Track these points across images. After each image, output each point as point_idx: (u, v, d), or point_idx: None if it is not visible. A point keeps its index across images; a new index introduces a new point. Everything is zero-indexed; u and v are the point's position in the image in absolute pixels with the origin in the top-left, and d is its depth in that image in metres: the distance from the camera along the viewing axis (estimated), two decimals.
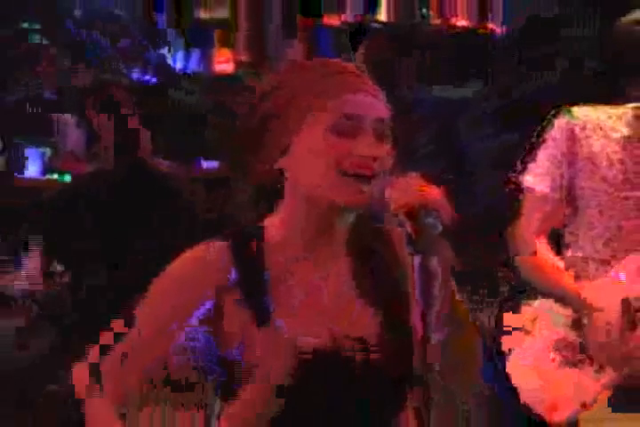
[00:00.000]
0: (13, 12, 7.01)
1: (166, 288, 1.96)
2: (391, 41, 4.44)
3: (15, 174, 4.99)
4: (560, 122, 3.16)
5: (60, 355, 3.85)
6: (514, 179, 3.25)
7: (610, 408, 3.06)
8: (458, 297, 1.95)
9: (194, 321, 1.95)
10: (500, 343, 3.15)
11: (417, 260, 1.83)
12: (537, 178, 3.20)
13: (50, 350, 4.02)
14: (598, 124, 3.18)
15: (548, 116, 3.20)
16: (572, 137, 3.17)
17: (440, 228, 1.81)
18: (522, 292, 3.25)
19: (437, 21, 6.42)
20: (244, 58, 5.89)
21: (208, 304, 1.95)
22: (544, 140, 3.19)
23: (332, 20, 5.87)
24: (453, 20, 6.49)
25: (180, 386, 3.58)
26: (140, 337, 1.95)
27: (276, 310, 1.90)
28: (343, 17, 6.06)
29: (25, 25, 7.07)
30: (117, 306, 2.04)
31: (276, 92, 1.94)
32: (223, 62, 5.51)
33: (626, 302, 2.99)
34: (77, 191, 4.09)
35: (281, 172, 1.89)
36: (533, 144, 3.24)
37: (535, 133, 3.23)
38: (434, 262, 1.83)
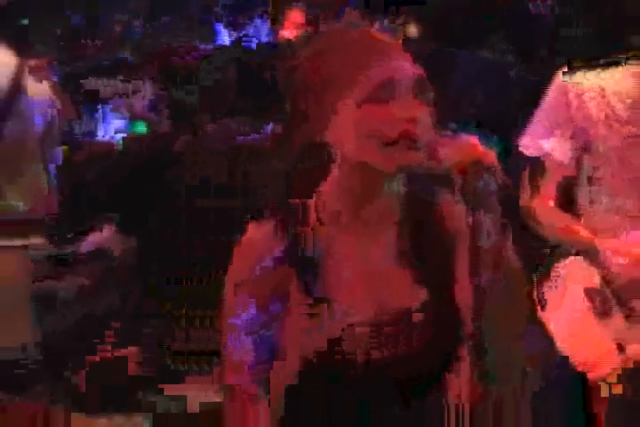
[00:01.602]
0: None
1: (234, 263, 2.05)
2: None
3: (93, 138, 5.26)
4: (559, 85, 3.29)
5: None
6: (527, 144, 3.37)
7: None
8: (510, 252, 1.97)
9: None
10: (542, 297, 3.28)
11: (469, 216, 1.87)
12: (549, 139, 3.32)
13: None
14: (599, 85, 3.29)
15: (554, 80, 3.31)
16: (569, 101, 3.29)
17: (494, 186, 1.86)
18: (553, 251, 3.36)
19: None
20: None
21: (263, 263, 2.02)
22: (551, 104, 3.32)
23: None
24: None
25: None
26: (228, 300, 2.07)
27: (325, 282, 1.94)
28: None
29: None
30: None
31: (310, 66, 1.97)
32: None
33: None
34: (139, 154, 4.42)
35: (324, 145, 1.93)
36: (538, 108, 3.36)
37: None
38: (485, 219, 1.87)
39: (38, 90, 4.08)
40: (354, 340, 1.93)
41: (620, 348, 3.10)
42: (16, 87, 4.01)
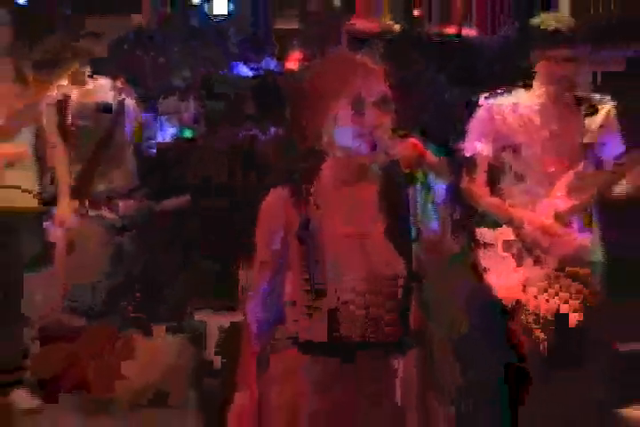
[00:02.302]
0: None
1: (258, 225, 2.66)
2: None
3: (155, 140, 6.96)
4: (483, 105, 4.35)
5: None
6: (458, 146, 4.45)
7: None
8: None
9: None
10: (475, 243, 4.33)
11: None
12: (479, 142, 4.35)
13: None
14: (509, 105, 4.35)
15: (479, 101, 4.39)
16: (491, 117, 4.34)
17: (436, 183, 2.51)
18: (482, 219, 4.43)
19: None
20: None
21: (280, 234, 2.61)
22: (477, 120, 4.37)
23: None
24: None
25: None
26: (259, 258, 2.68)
27: (320, 251, 2.55)
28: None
29: None
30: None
31: (312, 81, 2.58)
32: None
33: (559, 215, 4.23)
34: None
35: (318, 150, 2.55)
36: (470, 124, 4.42)
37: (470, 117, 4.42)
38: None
39: (129, 104, 5.72)
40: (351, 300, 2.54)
41: (524, 288, 4.14)
42: (121, 103, 5.67)
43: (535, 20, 4.47)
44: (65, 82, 5.58)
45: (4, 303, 5.10)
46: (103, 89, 5.73)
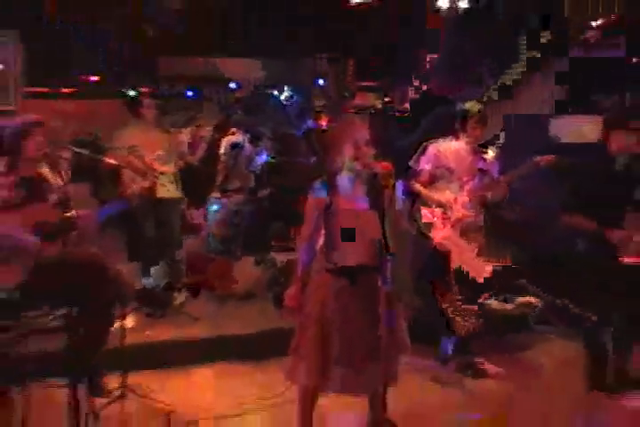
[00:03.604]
0: None
1: (306, 208, 4.44)
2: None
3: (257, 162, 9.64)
4: (431, 146, 6.46)
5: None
6: (412, 165, 6.44)
7: None
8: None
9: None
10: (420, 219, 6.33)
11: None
12: (426, 164, 6.42)
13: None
14: (447, 147, 6.40)
15: (425, 143, 6.44)
16: (437, 154, 6.41)
17: (392, 182, 4.26)
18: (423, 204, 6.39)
19: None
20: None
21: (317, 213, 4.42)
22: (424, 153, 6.41)
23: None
24: None
25: None
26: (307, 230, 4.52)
27: (335, 220, 4.38)
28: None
29: None
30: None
31: (333, 134, 4.55)
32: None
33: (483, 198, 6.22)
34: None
35: (335, 170, 4.42)
36: (420, 154, 6.46)
37: (420, 150, 6.46)
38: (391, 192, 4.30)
39: (246, 144, 9.05)
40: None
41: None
42: (242, 143, 8.93)
43: (465, 106, 6.42)
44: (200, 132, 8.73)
45: (175, 248, 7.68)
46: (236, 136, 9.10)
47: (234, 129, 9.31)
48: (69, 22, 9.94)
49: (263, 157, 9.69)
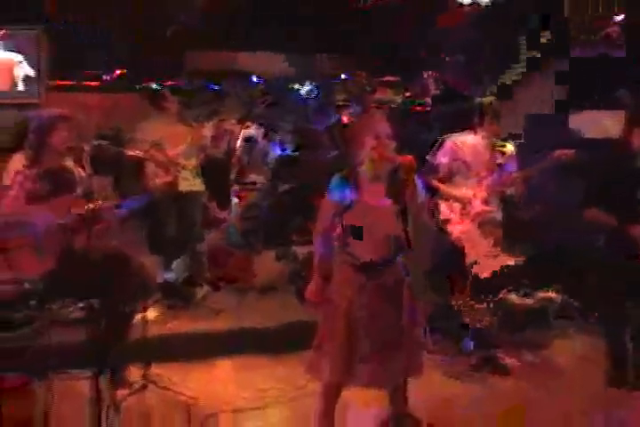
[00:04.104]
0: None
1: (321, 206, 4.48)
2: None
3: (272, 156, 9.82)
4: (448, 140, 6.60)
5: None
6: (430, 159, 6.56)
7: None
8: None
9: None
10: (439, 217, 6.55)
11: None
12: (443, 158, 6.55)
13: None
14: (464, 141, 6.56)
15: (442, 138, 6.59)
16: (454, 147, 6.55)
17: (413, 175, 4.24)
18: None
19: None
20: None
21: (332, 211, 4.43)
22: (441, 147, 6.55)
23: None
24: None
25: None
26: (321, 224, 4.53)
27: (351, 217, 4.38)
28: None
29: None
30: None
31: (354, 127, 4.66)
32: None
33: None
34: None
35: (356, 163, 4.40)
36: (437, 148, 6.61)
37: (437, 145, 6.61)
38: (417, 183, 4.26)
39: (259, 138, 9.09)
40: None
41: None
42: (256, 136, 9.03)
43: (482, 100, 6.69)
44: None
45: (196, 241, 7.81)
46: (250, 129, 9.20)
47: (249, 123, 9.40)
48: (92, 19, 10.06)
49: (277, 151, 9.80)
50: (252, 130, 9.43)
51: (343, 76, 11.30)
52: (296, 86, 11.54)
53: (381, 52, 10.61)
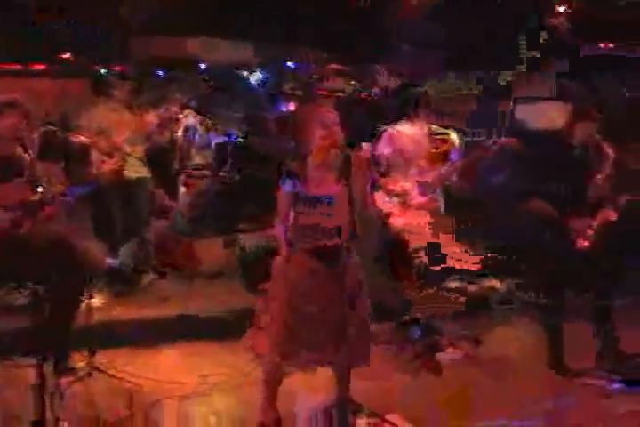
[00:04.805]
0: None
1: (279, 195, 4.55)
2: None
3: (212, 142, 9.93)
4: (387, 131, 6.54)
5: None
6: (371, 151, 6.47)
7: None
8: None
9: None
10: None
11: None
12: (384, 149, 6.49)
13: None
14: (401, 130, 6.51)
15: (381, 128, 6.54)
16: (392, 136, 6.52)
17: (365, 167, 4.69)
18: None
19: None
20: None
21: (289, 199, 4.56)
22: (380, 137, 6.49)
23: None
24: None
25: None
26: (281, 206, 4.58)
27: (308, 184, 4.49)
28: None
29: None
30: None
31: (301, 116, 4.68)
32: None
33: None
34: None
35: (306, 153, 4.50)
36: (377, 138, 6.52)
37: (377, 135, 6.54)
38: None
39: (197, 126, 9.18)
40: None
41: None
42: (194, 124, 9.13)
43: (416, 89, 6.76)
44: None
45: (143, 228, 7.85)
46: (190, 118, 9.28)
47: (186, 111, 9.39)
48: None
49: (218, 139, 9.86)
50: (191, 118, 9.43)
51: (291, 64, 11.32)
52: (244, 73, 11.52)
53: (332, 41, 10.59)
